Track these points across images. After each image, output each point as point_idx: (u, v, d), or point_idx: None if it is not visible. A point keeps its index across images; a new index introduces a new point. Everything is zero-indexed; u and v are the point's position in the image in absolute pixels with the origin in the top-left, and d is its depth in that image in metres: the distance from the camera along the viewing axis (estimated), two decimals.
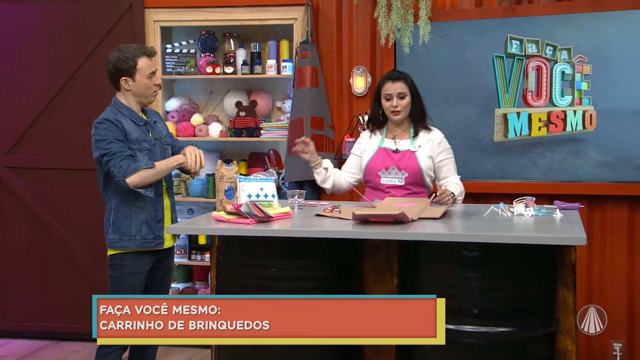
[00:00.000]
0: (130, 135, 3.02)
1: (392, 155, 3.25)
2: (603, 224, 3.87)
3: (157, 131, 3.17)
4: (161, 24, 4.37)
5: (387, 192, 3.22)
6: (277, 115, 4.51)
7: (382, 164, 3.25)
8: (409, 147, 3.24)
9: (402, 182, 3.21)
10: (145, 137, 3.08)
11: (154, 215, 3.07)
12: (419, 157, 3.22)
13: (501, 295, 2.51)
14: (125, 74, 3.04)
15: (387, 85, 3.25)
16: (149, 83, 3.08)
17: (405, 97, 3.24)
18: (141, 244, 3.05)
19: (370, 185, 3.31)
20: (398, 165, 3.22)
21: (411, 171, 3.21)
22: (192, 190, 4.45)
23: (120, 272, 3.05)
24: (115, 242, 3.05)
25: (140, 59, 3.05)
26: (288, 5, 4.19)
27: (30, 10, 4.47)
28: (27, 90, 4.50)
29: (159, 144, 3.14)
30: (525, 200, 2.88)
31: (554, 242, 2.49)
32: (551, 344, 2.60)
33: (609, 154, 3.76)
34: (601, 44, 3.75)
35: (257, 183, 2.91)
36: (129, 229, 3.04)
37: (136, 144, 3.03)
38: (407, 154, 3.23)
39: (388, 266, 2.79)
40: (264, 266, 2.68)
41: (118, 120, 3.01)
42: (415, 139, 3.26)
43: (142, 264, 3.07)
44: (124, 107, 3.08)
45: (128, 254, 3.05)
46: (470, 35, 3.91)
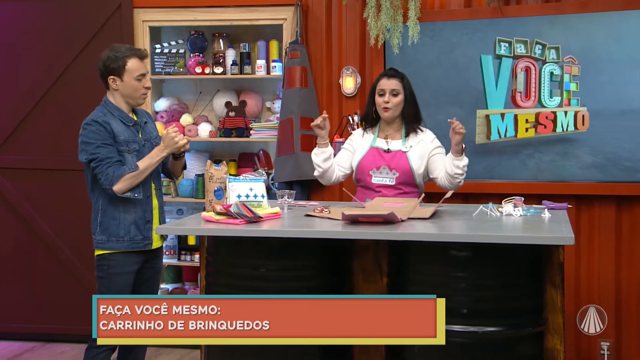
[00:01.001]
0: (119, 136, 3.01)
1: (384, 154, 3.25)
2: (591, 223, 3.89)
3: (148, 132, 3.16)
4: (150, 23, 4.36)
5: (378, 191, 3.22)
6: (266, 115, 4.50)
7: (373, 164, 3.25)
8: (400, 148, 3.25)
9: (392, 181, 3.21)
10: (134, 138, 3.06)
11: (142, 217, 3.06)
12: (410, 157, 3.22)
13: (490, 295, 2.52)
14: (114, 73, 3.03)
15: (382, 82, 3.25)
16: (137, 85, 3.05)
17: (398, 94, 3.24)
18: (129, 245, 3.04)
19: (361, 184, 3.31)
20: (389, 165, 3.23)
21: (402, 171, 3.21)
22: (182, 190, 4.43)
23: (107, 273, 3.03)
24: (103, 243, 3.03)
25: (130, 60, 3.03)
26: (277, 6, 4.19)
27: (18, 9, 4.44)
28: (15, 90, 4.47)
29: (149, 145, 3.12)
30: (514, 200, 2.89)
31: (542, 241, 2.51)
32: (539, 343, 2.61)
33: (598, 154, 3.78)
34: (589, 45, 3.77)
35: (246, 183, 2.90)
36: (116, 229, 3.02)
37: (124, 145, 3.01)
38: (398, 154, 3.24)
39: (377, 266, 2.80)
40: (253, 266, 2.68)
41: (106, 122, 2.99)
42: (406, 139, 3.26)
43: (129, 264, 3.05)
44: (113, 107, 3.06)
45: (115, 254, 3.03)
46: (459, 35, 3.92)
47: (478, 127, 3.88)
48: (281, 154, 4.12)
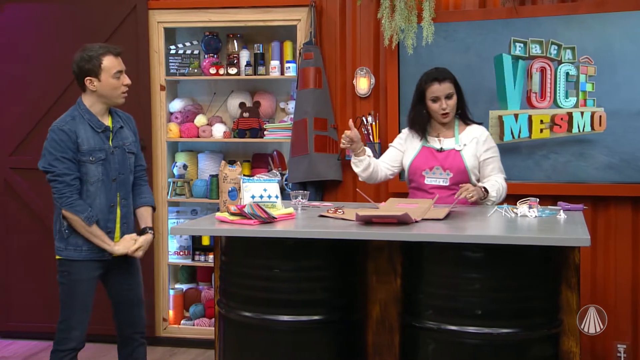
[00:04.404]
0: (83, 146, 2.92)
1: (436, 154, 3.16)
2: (607, 225, 3.86)
3: (121, 138, 3.05)
4: (165, 25, 4.38)
5: (432, 192, 3.12)
6: (280, 116, 4.51)
7: (425, 164, 3.16)
8: (453, 146, 3.15)
9: (447, 182, 3.12)
10: (101, 145, 2.97)
11: (103, 227, 2.98)
12: (464, 156, 3.12)
13: (504, 296, 2.51)
14: (90, 73, 2.94)
15: (434, 87, 3.13)
16: (115, 83, 2.97)
17: (452, 96, 3.14)
18: (88, 255, 2.98)
19: (413, 185, 3.23)
20: (443, 165, 3.13)
21: (456, 171, 3.12)
22: (196, 191, 4.45)
23: (68, 279, 2.98)
24: (62, 250, 2.99)
25: (106, 58, 2.95)
26: (291, 7, 4.20)
27: (34, 12, 4.48)
28: (30, 92, 4.51)
29: (119, 152, 3.03)
30: (529, 201, 2.87)
31: (558, 243, 2.49)
32: (555, 345, 2.59)
33: (614, 155, 3.75)
34: (605, 45, 3.74)
35: (260, 184, 2.91)
36: (75, 239, 2.96)
37: (87, 156, 2.93)
38: (452, 153, 3.14)
39: (391, 267, 2.79)
40: (267, 267, 2.68)
41: (72, 130, 2.91)
42: (459, 137, 3.17)
43: (91, 270, 2.99)
44: (85, 110, 2.97)
45: (75, 261, 2.97)
46: (474, 36, 3.91)
47: (491, 127, 3.86)
48: (295, 155, 4.12)
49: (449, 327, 2.51)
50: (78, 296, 2.98)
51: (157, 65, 4.38)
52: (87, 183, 2.96)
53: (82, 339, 3.01)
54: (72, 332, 2.98)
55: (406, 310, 2.69)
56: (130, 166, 3.09)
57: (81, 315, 2.99)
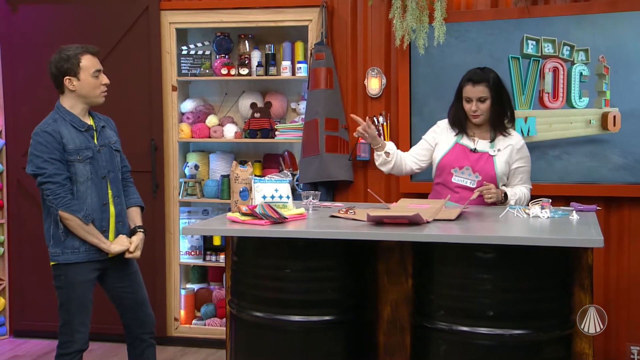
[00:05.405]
0: (68, 145, 2.91)
1: (469, 154, 3.14)
2: (620, 226, 3.83)
3: (105, 137, 3.05)
4: (177, 25, 4.39)
5: (456, 192, 3.11)
6: (291, 116, 4.51)
7: (456, 162, 3.14)
8: (487, 150, 3.13)
9: (474, 184, 3.09)
10: (87, 144, 2.96)
11: (98, 226, 2.97)
12: (497, 162, 3.10)
13: (517, 297, 2.50)
14: (69, 73, 2.94)
15: (468, 88, 3.12)
16: (95, 82, 2.97)
17: (486, 100, 3.11)
18: (85, 256, 2.97)
19: (438, 181, 3.21)
20: (473, 166, 3.11)
21: (485, 175, 3.09)
22: (207, 191, 4.46)
23: (65, 283, 2.97)
24: (58, 256, 2.96)
25: (84, 57, 2.95)
26: (303, 7, 4.20)
27: (47, 13, 4.50)
28: (43, 92, 4.53)
29: (107, 150, 3.02)
30: (542, 202, 2.86)
31: (571, 244, 2.47)
32: (567, 347, 2.58)
33: (627, 156, 3.73)
34: (618, 45, 3.72)
35: (271, 184, 2.91)
36: (71, 241, 2.95)
37: (74, 155, 2.92)
38: (484, 157, 3.12)
39: (402, 267, 2.79)
40: (278, 267, 2.68)
41: (56, 131, 2.90)
42: (494, 142, 3.14)
43: (88, 272, 2.98)
44: (65, 112, 2.96)
45: (72, 264, 2.96)
46: (486, 36, 3.89)
47: None
48: (306, 155, 4.13)
49: (460, 328, 2.50)
50: (77, 299, 2.97)
51: (168, 65, 4.40)
52: (77, 183, 2.95)
53: (86, 340, 3.01)
54: (75, 334, 2.98)
55: (417, 310, 2.68)
56: (118, 164, 3.09)
57: (82, 317, 2.99)
